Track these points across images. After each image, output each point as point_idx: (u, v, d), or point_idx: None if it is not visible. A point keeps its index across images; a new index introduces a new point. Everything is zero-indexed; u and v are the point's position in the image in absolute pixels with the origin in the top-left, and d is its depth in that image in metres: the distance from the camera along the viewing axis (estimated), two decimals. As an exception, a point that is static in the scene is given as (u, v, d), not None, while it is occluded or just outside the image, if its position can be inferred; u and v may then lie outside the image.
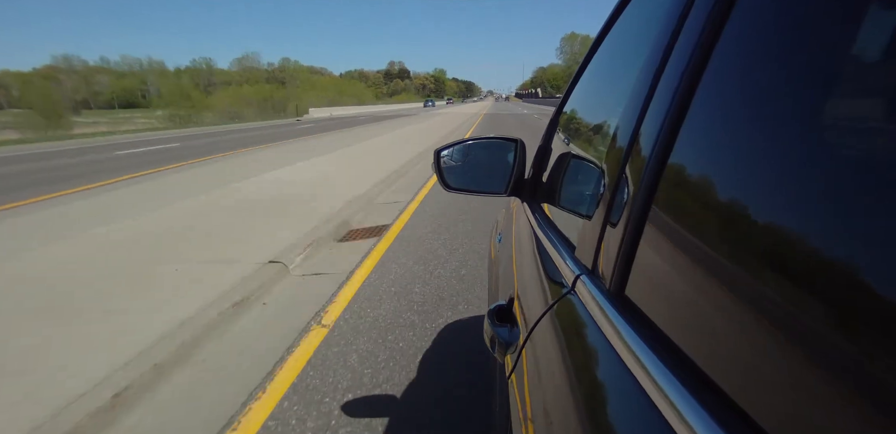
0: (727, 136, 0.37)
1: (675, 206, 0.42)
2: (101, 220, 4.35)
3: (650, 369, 0.37)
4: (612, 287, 0.50)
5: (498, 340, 0.76)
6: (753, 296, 0.30)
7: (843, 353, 0.23)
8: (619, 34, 0.85)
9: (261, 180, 6.31)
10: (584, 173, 0.81)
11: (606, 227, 0.54)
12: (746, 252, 0.31)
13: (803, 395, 0.25)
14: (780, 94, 0.32)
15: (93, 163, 9.94)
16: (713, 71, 0.41)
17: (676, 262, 0.40)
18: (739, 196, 0.34)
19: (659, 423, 0.34)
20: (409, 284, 2.91)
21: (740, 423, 0.29)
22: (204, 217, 4.31)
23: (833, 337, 0.24)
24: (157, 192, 5.80)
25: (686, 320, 0.38)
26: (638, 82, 0.55)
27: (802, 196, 0.28)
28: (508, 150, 1.07)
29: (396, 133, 15.19)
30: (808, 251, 0.27)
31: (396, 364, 2.02)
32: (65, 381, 1.83)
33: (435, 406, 1.74)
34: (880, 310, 0.21)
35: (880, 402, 0.21)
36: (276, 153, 10.16)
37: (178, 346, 2.09)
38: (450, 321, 2.41)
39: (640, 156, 0.48)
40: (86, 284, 2.79)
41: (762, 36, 0.36)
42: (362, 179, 6.16)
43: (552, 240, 0.80)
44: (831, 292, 0.24)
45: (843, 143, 0.27)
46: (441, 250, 3.55)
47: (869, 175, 0.24)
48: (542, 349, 0.61)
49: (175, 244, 3.51)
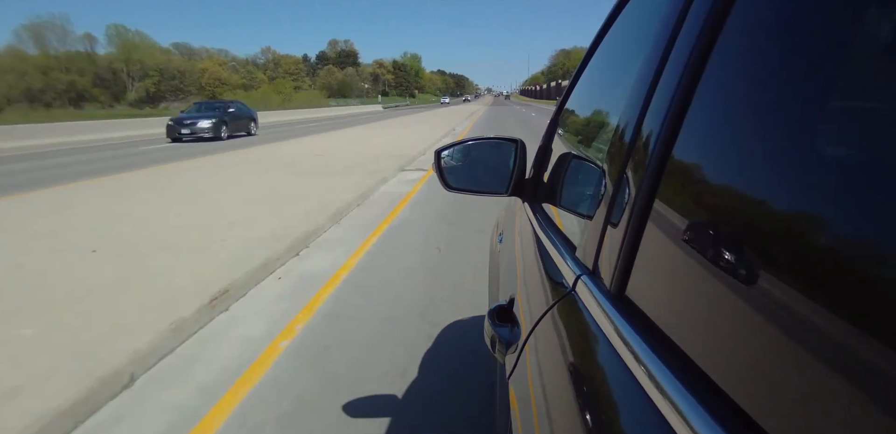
0: (728, 136, 0.37)
1: (676, 206, 0.42)
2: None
3: (651, 369, 0.37)
4: (613, 287, 0.50)
5: (498, 340, 0.76)
6: (754, 296, 0.30)
7: (843, 352, 0.23)
8: (619, 33, 0.85)
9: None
10: (584, 173, 0.81)
11: (607, 227, 0.54)
12: (747, 252, 0.31)
13: (803, 394, 0.25)
14: (780, 94, 0.32)
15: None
16: (714, 70, 0.41)
17: (677, 262, 0.40)
18: (740, 196, 0.34)
19: (659, 423, 0.34)
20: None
21: (740, 422, 0.29)
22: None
23: (833, 337, 0.24)
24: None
25: (686, 321, 0.38)
26: (638, 82, 0.55)
27: (802, 196, 0.28)
28: (509, 150, 1.07)
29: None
30: (808, 251, 0.27)
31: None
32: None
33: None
34: (881, 310, 0.21)
35: (880, 402, 0.21)
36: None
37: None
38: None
39: (641, 156, 0.48)
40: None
41: (763, 35, 0.36)
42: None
43: (553, 240, 0.80)
44: (832, 292, 0.24)
45: (844, 144, 0.27)
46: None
47: (871, 177, 0.24)
48: (543, 349, 0.61)
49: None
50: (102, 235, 3.70)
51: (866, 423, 0.21)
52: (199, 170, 7.50)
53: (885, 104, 0.25)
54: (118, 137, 16.00)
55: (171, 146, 12.70)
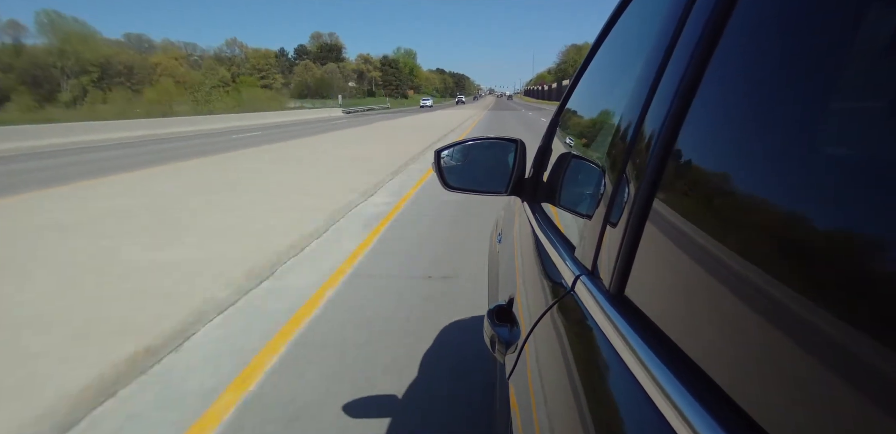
0: (728, 137, 0.37)
1: (676, 206, 0.42)
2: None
3: (650, 369, 0.37)
4: (612, 287, 0.50)
5: (498, 341, 0.76)
6: (753, 296, 0.30)
7: (843, 352, 0.23)
8: (621, 34, 0.86)
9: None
10: (584, 173, 0.81)
11: (606, 227, 0.54)
12: (746, 252, 0.31)
13: (803, 394, 0.25)
14: (781, 94, 0.32)
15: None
16: (715, 71, 0.41)
17: (676, 262, 0.40)
18: (740, 197, 0.34)
19: (659, 423, 0.34)
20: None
21: (740, 422, 0.29)
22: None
23: (833, 337, 0.24)
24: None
25: (686, 320, 0.38)
26: (639, 82, 0.55)
27: (802, 196, 0.28)
28: (509, 150, 1.07)
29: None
30: (808, 251, 0.27)
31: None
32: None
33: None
34: (881, 309, 0.21)
35: (880, 402, 0.21)
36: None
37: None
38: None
39: (641, 156, 0.48)
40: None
41: (764, 36, 0.36)
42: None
43: (552, 240, 0.80)
44: (832, 292, 0.24)
45: (844, 144, 0.27)
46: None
47: (872, 177, 0.24)
48: (543, 349, 0.61)
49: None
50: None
51: (866, 423, 0.21)
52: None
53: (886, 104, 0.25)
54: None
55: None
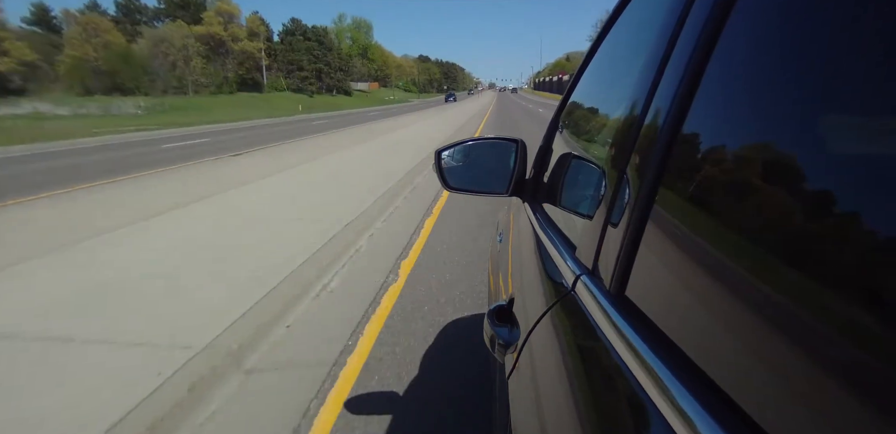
0: (728, 137, 0.37)
1: (676, 206, 0.42)
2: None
3: (650, 369, 0.37)
4: (613, 287, 0.50)
5: (498, 340, 0.76)
6: (753, 296, 0.30)
7: (842, 352, 0.23)
8: (621, 33, 0.85)
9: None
10: (585, 174, 0.81)
11: (607, 227, 0.54)
12: (747, 253, 0.31)
13: (803, 394, 0.25)
14: (781, 95, 0.32)
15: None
16: (715, 70, 0.41)
17: (677, 262, 0.40)
18: (740, 197, 0.34)
19: (659, 423, 0.34)
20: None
21: (740, 422, 0.29)
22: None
23: (833, 337, 0.24)
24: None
25: (686, 320, 0.38)
26: (640, 82, 0.55)
27: (802, 196, 0.28)
28: (509, 150, 1.07)
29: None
30: (808, 251, 0.27)
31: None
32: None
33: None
34: (881, 309, 0.21)
35: (880, 402, 0.21)
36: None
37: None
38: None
39: (642, 156, 0.48)
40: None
41: (765, 34, 0.36)
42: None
43: (553, 240, 0.80)
44: (832, 292, 0.24)
45: (844, 144, 0.27)
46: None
47: (873, 177, 0.24)
48: (543, 349, 0.61)
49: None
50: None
51: (866, 422, 0.21)
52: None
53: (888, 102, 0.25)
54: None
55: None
